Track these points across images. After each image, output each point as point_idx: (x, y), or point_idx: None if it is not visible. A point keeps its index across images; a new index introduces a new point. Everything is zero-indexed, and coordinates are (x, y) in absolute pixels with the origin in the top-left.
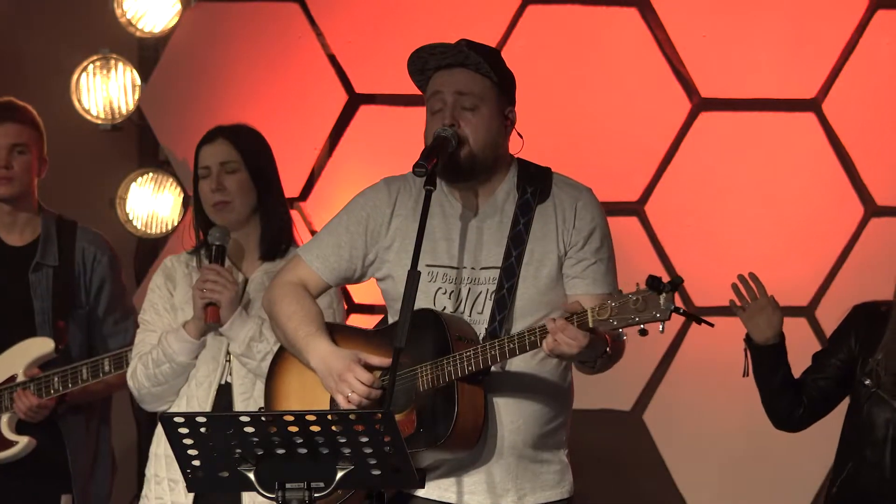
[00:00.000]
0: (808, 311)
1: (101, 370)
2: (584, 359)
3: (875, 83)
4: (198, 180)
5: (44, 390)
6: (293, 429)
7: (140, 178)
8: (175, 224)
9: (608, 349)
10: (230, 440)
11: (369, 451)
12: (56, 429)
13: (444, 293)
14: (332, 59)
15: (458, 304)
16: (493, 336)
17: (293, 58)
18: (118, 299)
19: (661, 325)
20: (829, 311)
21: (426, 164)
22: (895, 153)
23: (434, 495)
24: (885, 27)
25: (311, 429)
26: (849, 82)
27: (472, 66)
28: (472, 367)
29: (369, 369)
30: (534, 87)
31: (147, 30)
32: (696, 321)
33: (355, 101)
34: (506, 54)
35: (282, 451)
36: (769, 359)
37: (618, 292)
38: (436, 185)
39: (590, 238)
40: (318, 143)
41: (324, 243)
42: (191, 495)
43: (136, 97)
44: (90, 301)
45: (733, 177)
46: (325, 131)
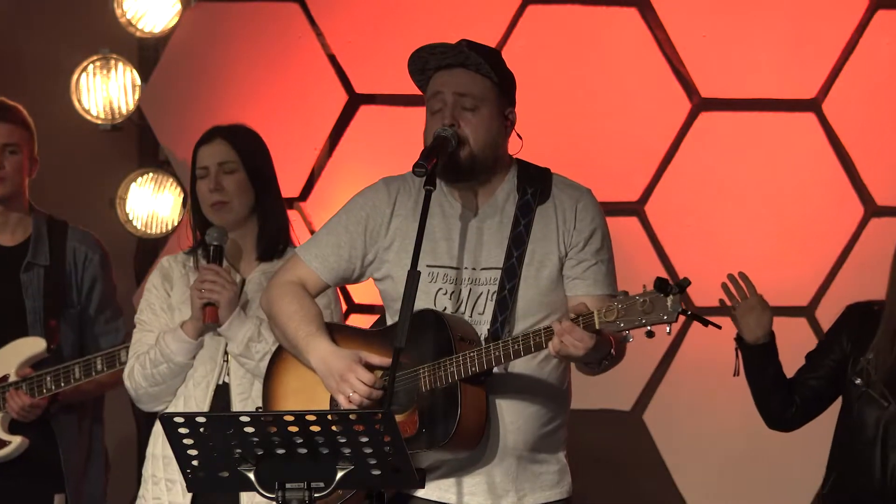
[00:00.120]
0: (808, 311)
1: (94, 369)
2: (589, 360)
3: (875, 83)
4: (195, 180)
5: (36, 390)
6: (293, 429)
7: (140, 178)
8: (175, 224)
9: (613, 350)
10: (230, 440)
11: (369, 451)
12: (49, 428)
13: (445, 294)
14: (332, 59)
15: (459, 304)
16: (495, 337)
17: (293, 58)
18: (109, 298)
19: (668, 327)
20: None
21: (426, 164)
22: (895, 153)
23: (434, 496)
24: (885, 27)
25: (311, 429)
26: (849, 82)
27: (472, 66)
28: (475, 368)
29: (370, 369)
30: (534, 88)
31: (147, 30)
32: (703, 323)
33: (355, 101)
34: (506, 54)
35: (282, 451)
36: (760, 358)
37: (624, 294)
38: (436, 185)
39: (590, 239)
40: (318, 143)
41: (323, 243)
42: (189, 495)
43: (136, 97)
44: (82, 300)
45: (733, 177)
46: (325, 131)
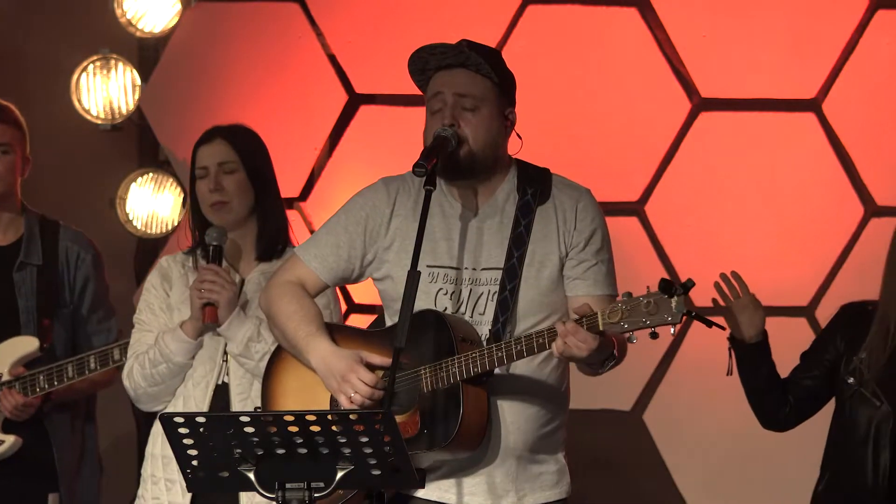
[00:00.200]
0: (808, 311)
1: (87, 367)
2: (592, 361)
3: (875, 83)
4: (194, 180)
5: (29, 389)
6: (293, 429)
7: (140, 178)
8: (175, 224)
9: (615, 351)
10: (230, 440)
11: (369, 451)
12: (42, 427)
13: (445, 294)
14: (332, 59)
15: (459, 304)
16: (496, 338)
17: (293, 58)
18: (102, 298)
19: (673, 328)
20: (829, 311)
21: (426, 164)
22: (895, 153)
23: (434, 496)
24: (885, 27)
25: (311, 429)
26: (849, 82)
27: (472, 66)
28: (478, 369)
29: (371, 369)
30: (534, 88)
31: (147, 30)
32: (707, 324)
33: (355, 101)
34: (506, 54)
35: (282, 451)
36: (753, 357)
37: (628, 295)
38: (435, 185)
39: (591, 239)
40: (318, 143)
41: (322, 243)
42: (188, 495)
43: (136, 97)
44: (74, 299)
45: (733, 177)
46: (325, 131)
